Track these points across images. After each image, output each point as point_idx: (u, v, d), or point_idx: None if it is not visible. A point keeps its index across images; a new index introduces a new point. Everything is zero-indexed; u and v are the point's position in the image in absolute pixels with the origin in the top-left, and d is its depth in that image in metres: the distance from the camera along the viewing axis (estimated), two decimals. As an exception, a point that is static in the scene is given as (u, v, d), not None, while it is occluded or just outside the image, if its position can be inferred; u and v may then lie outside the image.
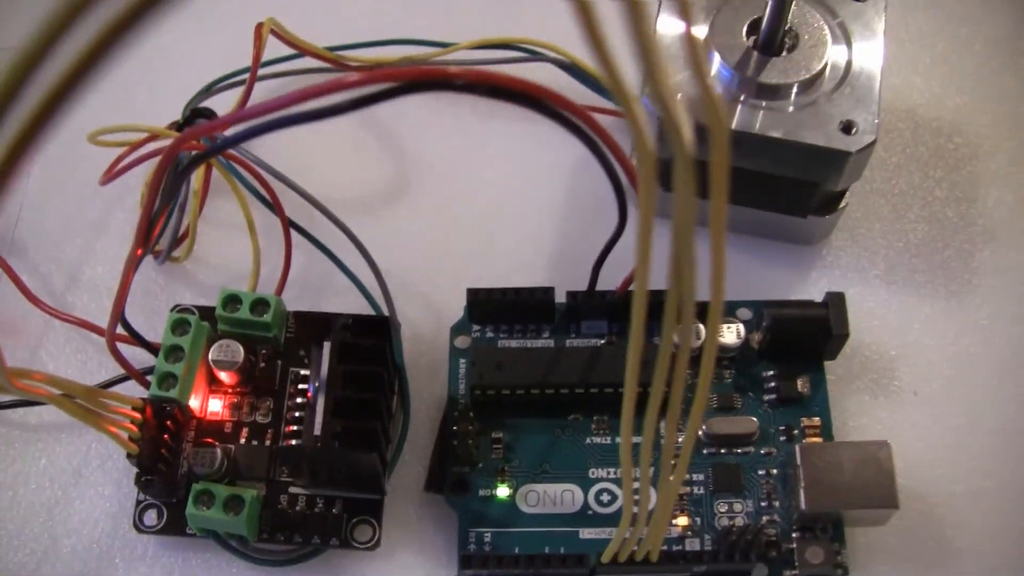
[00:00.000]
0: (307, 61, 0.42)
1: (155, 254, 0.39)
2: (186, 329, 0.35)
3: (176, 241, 0.39)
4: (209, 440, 0.36)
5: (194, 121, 0.39)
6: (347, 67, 0.42)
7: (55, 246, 0.41)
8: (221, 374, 0.36)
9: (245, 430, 0.36)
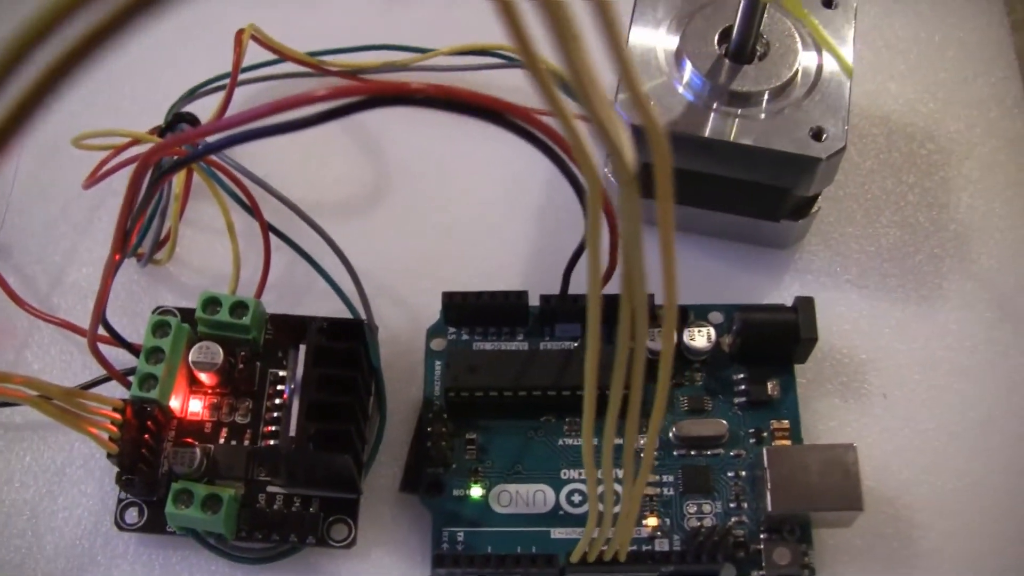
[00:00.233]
0: (289, 65, 0.43)
1: (138, 256, 0.39)
2: (166, 331, 0.36)
3: (158, 244, 0.39)
4: (189, 440, 0.36)
5: (176, 125, 0.40)
6: (328, 71, 0.43)
7: (40, 248, 0.41)
8: (201, 375, 0.37)
9: (224, 430, 0.37)
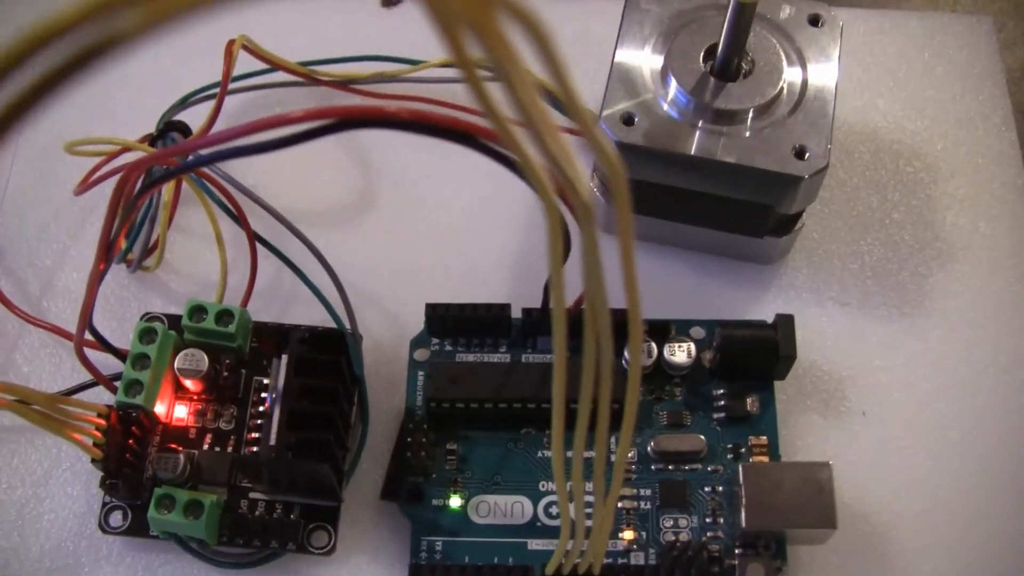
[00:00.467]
0: (281, 75, 0.43)
1: (127, 263, 0.40)
2: (153, 338, 0.37)
3: (147, 251, 0.40)
4: (173, 446, 0.37)
5: (167, 134, 0.40)
6: (319, 81, 0.43)
7: (32, 252, 0.42)
8: (186, 382, 0.37)
9: (209, 436, 0.37)
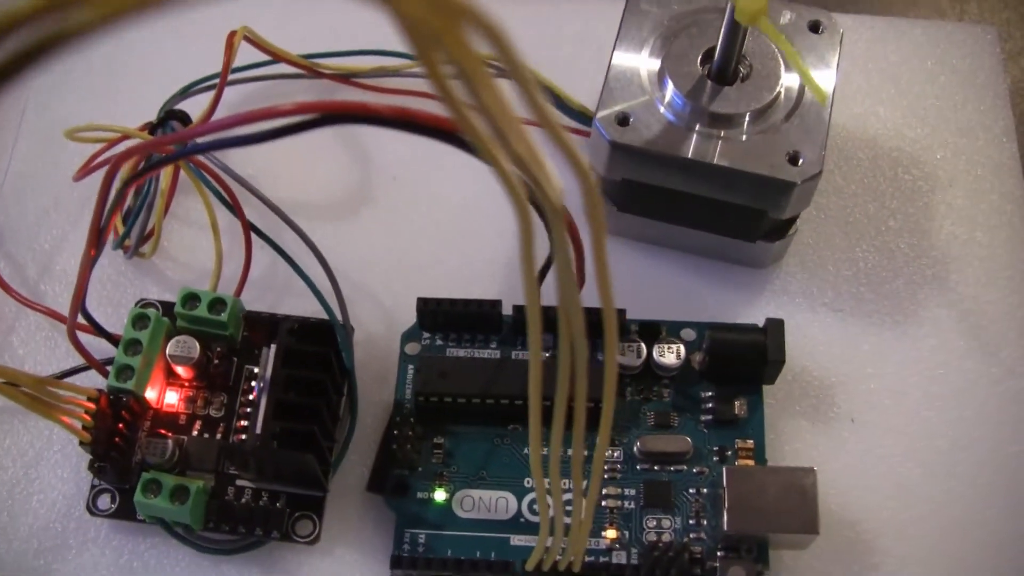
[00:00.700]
0: (283, 66, 0.43)
1: (124, 249, 0.40)
2: (146, 324, 0.37)
3: (143, 238, 0.40)
4: (162, 431, 0.37)
5: (167, 122, 0.40)
6: (320, 74, 0.43)
7: (31, 236, 0.42)
8: (178, 368, 0.38)
9: (198, 423, 0.38)
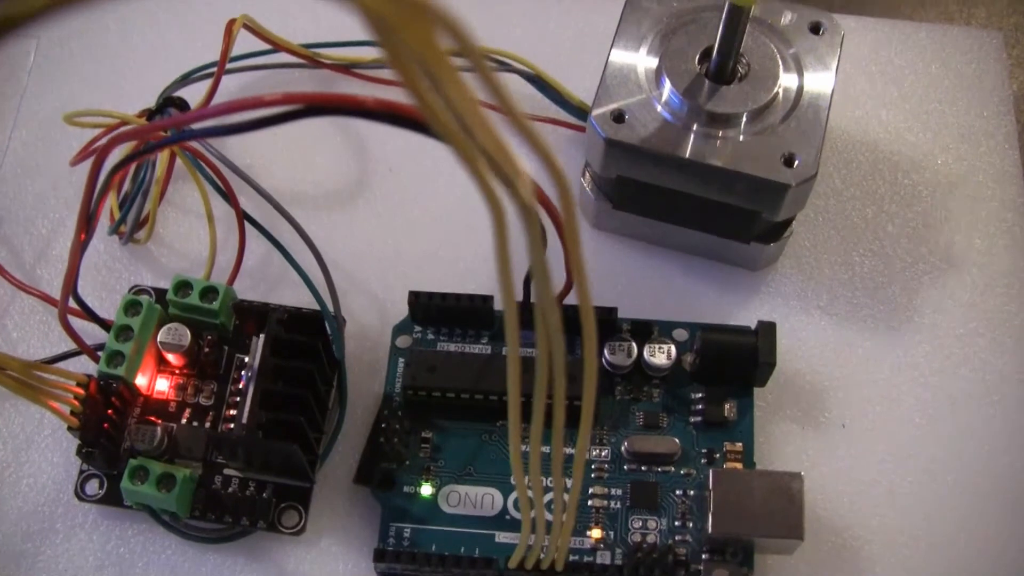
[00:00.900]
0: (284, 56, 0.43)
1: (119, 234, 0.40)
2: (138, 310, 0.37)
3: (138, 224, 0.40)
4: (152, 418, 0.37)
5: (165, 109, 0.40)
6: (320, 64, 0.43)
7: (29, 220, 0.42)
8: (169, 356, 0.38)
9: (188, 410, 0.38)
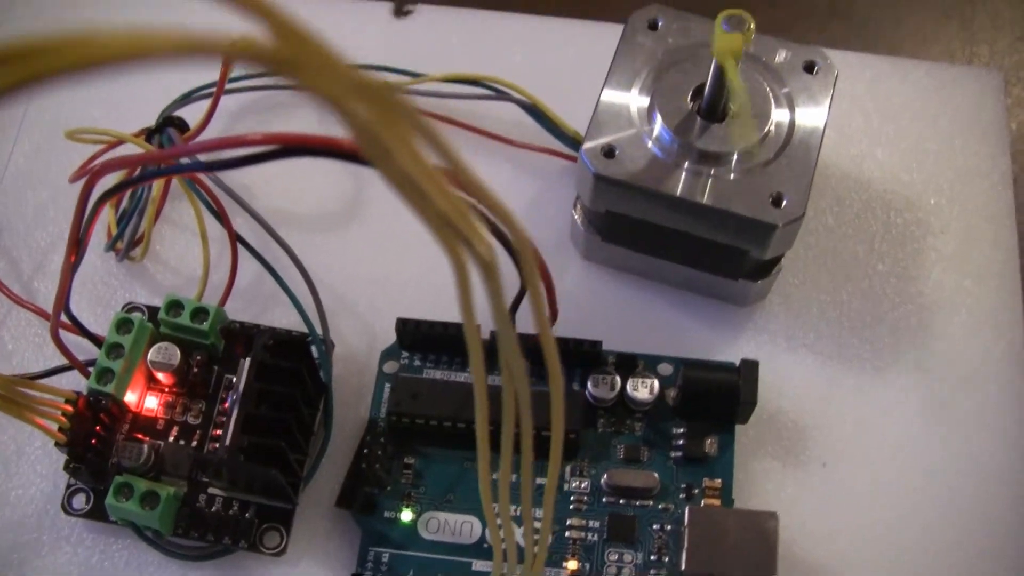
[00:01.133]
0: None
1: (116, 251, 0.41)
2: (129, 328, 0.38)
3: (134, 242, 0.41)
4: (140, 435, 0.38)
5: (165, 128, 0.41)
6: (320, 87, 0.44)
7: (28, 233, 0.43)
8: (158, 374, 0.38)
9: (176, 428, 0.38)
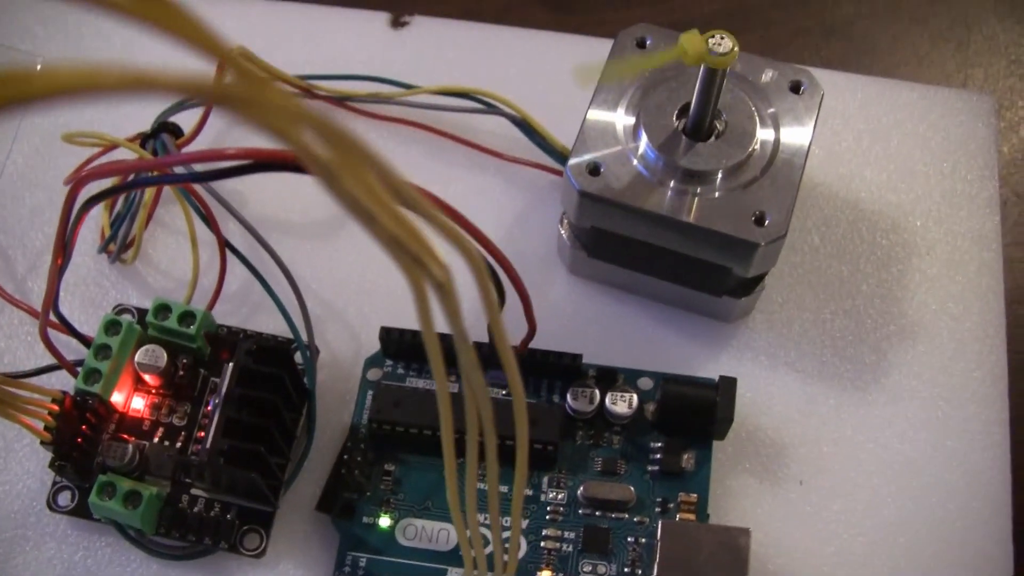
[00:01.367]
0: (280, 86, 0.44)
1: (108, 253, 0.42)
2: (117, 330, 0.38)
3: (125, 245, 0.41)
4: (125, 435, 0.39)
5: (159, 133, 0.42)
6: (315, 95, 0.44)
7: (23, 232, 0.44)
8: (145, 376, 0.39)
9: (161, 429, 0.39)
